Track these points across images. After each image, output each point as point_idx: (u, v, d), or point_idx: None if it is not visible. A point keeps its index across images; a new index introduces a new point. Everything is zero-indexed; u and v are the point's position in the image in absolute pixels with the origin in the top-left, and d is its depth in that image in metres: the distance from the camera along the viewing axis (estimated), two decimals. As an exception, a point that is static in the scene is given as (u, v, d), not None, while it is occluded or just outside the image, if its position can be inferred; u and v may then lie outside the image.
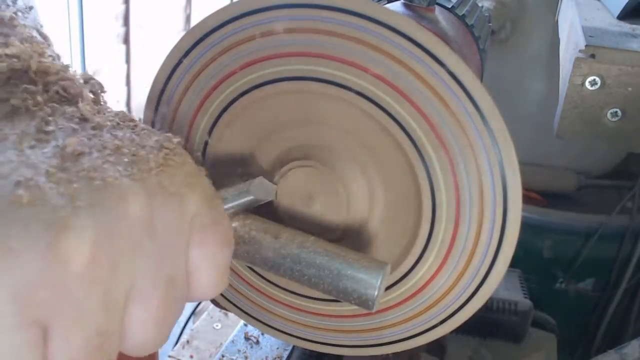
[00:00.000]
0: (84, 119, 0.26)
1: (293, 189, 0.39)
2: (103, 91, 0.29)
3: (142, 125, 0.28)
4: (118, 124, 0.27)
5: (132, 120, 0.28)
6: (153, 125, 0.42)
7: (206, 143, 0.40)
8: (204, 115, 0.40)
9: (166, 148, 0.26)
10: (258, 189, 0.35)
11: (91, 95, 0.28)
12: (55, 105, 0.25)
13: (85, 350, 0.21)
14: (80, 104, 0.26)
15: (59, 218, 0.20)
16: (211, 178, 0.31)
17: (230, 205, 0.34)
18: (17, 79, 0.25)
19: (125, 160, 0.24)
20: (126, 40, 3.38)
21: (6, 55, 0.26)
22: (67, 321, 0.21)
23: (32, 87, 0.25)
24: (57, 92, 0.26)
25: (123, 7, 3.31)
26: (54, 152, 0.23)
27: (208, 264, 0.27)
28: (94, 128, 0.25)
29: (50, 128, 0.24)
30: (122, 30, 3.34)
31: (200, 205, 0.27)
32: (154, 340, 0.25)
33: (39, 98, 0.25)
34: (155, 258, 0.24)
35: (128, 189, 0.23)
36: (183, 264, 0.26)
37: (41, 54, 0.27)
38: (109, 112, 0.28)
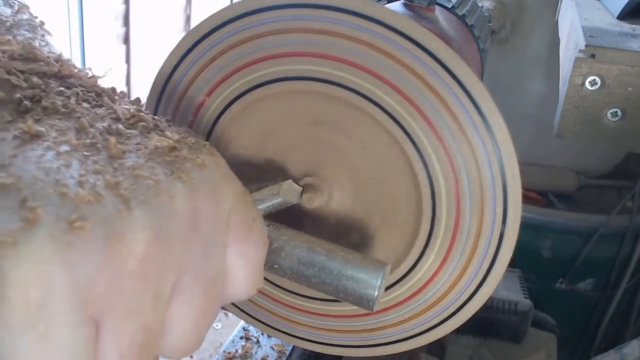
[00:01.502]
0: (117, 119, 0.26)
1: (300, 185, 0.40)
2: (116, 93, 0.29)
3: (175, 127, 0.28)
4: (149, 125, 0.27)
5: (168, 120, 0.28)
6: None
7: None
8: (205, 115, 0.40)
9: (201, 148, 0.27)
10: (287, 192, 0.36)
11: (116, 97, 0.28)
12: (86, 105, 0.26)
13: (132, 345, 0.21)
14: (114, 104, 0.26)
15: (115, 216, 0.21)
16: None
17: (259, 207, 0.35)
18: (46, 82, 0.26)
19: (167, 159, 0.24)
20: (126, 40, 3.39)
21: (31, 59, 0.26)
22: (118, 317, 0.21)
23: (66, 90, 0.26)
24: (81, 94, 0.26)
25: (123, 7, 3.31)
26: (99, 152, 0.23)
27: (244, 263, 0.28)
28: (128, 128, 0.25)
29: (90, 130, 0.24)
30: (122, 30, 3.35)
31: (236, 204, 0.27)
32: (190, 342, 0.25)
33: (72, 100, 0.25)
34: (199, 256, 0.24)
35: (174, 187, 0.23)
36: (223, 263, 0.27)
37: (60, 55, 0.28)
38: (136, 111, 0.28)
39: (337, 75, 0.35)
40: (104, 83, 0.29)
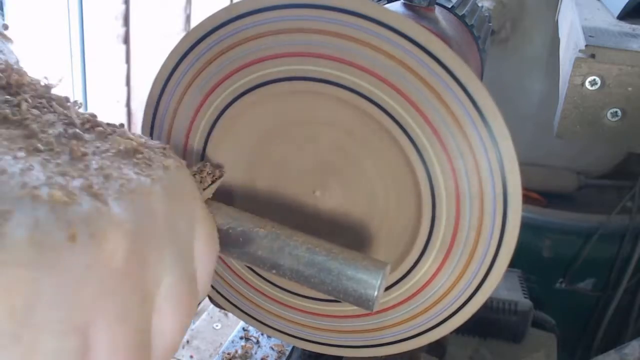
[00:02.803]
0: (71, 124, 0.25)
1: (296, 186, 0.39)
2: (68, 100, 0.29)
3: (128, 133, 0.28)
4: (107, 130, 0.27)
5: (122, 125, 0.28)
6: (152, 127, 0.42)
7: (206, 143, 0.40)
8: (205, 115, 0.40)
9: (163, 152, 0.27)
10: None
11: (68, 104, 0.28)
12: (36, 112, 0.25)
13: (129, 348, 0.21)
14: (65, 110, 0.26)
15: (95, 214, 0.20)
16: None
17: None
18: None
19: (134, 160, 0.24)
20: (126, 40, 3.38)
21: None
22: (110, 321, 0.20)
23: (12, 99, 0.25)
24: (30, 101, 0.26)
25: (123, 7, 3.31)
26: (59, 155, 0.22)
27: (204, 266, 0.28)
28: (84, 132, 0.25)
29: (42, 135, 0.23)
30: (122, 30, 3.34)
31: (202, 211, 0.28)
32: (177, 342, 0.25)
33: (24, 107, 0.25)
34: (179, 254, 0.24)
35: (148, 185, 0.23)
36: (194, 263, 0.27)
37: (9, 65, 0.27)
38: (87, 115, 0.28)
39: (337, 75, 0.35)
40: (103, 83, 0.29)
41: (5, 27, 0.34)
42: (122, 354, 0.20)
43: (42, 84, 0.28)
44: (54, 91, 0.28)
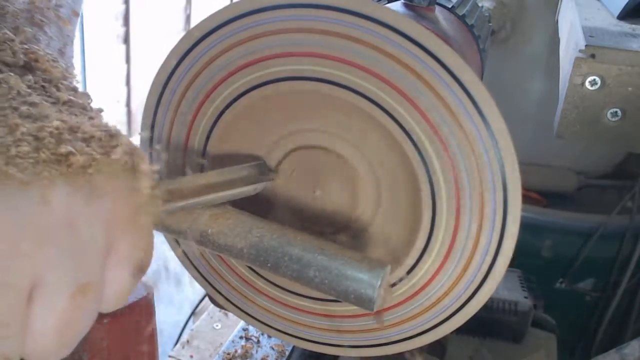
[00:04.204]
0: (53, 103, 0.26)
1: (298, 185, 0.39)
2: (75, 90, 0.28)
3: (100, 122, 0.27)
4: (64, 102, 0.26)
5: (101, 110, 0.27)
6: (153, 127, 0.42)
7: (206, 143, 0.40)
8: (204, 116, 0.40)
9: (109, 144, 0.25)
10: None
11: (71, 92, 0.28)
12: (30, 91, 0.25)
13: None
14: (60, 93, 0.26)
15: None
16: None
17: (224, 193, 0.35)
18: None
19: (47, 143, 0.23)
20: (126, 40, 3.38)
21: None
22: None
23: (12, 76, 0.26)
24: (32, 82, 0.26)
25: (123, 7, 3.31)
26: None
27: (118, 283, 0.26)
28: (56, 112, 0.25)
29: (5, 108, 0.24)
30: (122, 30, 3.34)
31: (131, 220, 0.26)
32: (52, 348, 0.23)
33: (22, 85, 0.25)
34: (69, 255, 0.23)
35: (52, 172, 0.22)
36: (98, 272, 0.25)
37: (35, 51, 0.28)
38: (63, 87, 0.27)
39: (337, 75, 0.35)
40: (103, 83, 0.29)
41: (76, 14, 0.35)
42: None
43: (60, 71, 0.28)
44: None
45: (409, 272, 0.38)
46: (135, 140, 0.33)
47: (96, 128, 0.25)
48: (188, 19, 3.80)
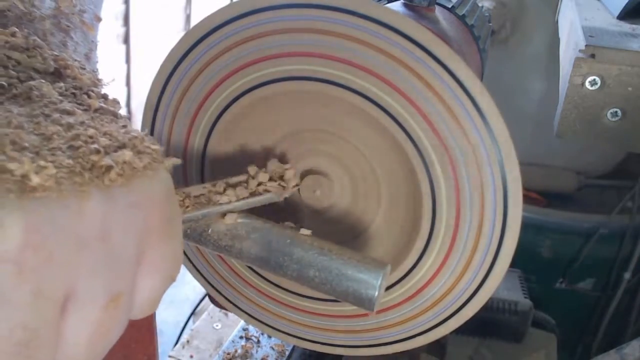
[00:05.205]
0: (86, 110, 0.25)
1: (300, 185, 0.39)
2: (105, 98, 0.28)
3: (131, 128, 0.27)
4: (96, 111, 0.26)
5: (115, 114, 0.27)
6: (152, 127, 0.42)
7: (206, 143, 0.40)
8: (205, 115, 0.40)
9: (139, 151, 0.25)
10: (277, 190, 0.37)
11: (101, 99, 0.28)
12: (62, 99, 0.25)
13: (8, 342, 0.20)
14: (91, 100, 0.26)
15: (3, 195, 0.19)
16: (210, 178, 0.31)
17: (244, 201, 0.35)
18: (29, 75, 0.26)
19: (83, 152, 0.23)
20: (126, 40, 3.39)
21: None
22: None
23: (45, 84, 0.26)
24: (64, 90, 0.26)
25: (123, 7, 3.31)
26: (30, 134, 0.22)
27: (148, 292, 0.26)
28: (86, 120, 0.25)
29: (40, 116, 0.23)
30: (122, 30, 3.35)
31: (162, 228, 0.25)
32: (83, 358, 0.23)
33: (54, 93, 0.25)
34: (102, 265, 0.23)
35: (89, 188, 0.22)
36: (130, 282, 0.25)
37: (63, 57, 0.28)
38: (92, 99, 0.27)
39: (337, 75, 0.35)
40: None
41: (98, 19, 0.35)
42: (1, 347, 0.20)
43: (89, 78, 0.28)
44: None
45: (408, 272, 0.38)
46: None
47: (129, 136, 0.25)
48: (188, 19, 3.80)
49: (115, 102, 0.28)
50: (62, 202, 0.21)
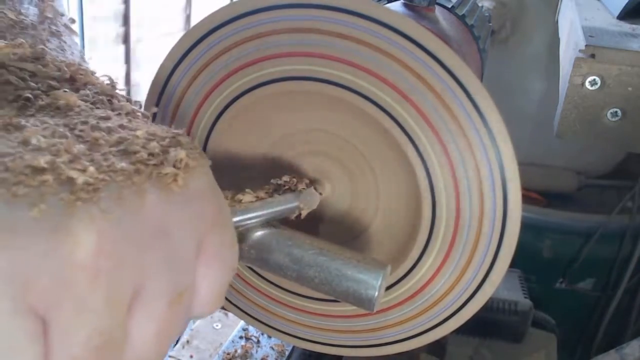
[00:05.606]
0: (117, 116, 0.25)
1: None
2: (130, 100, 0.28)
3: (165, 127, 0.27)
4: (122, 114, 0.26)
5: (144, 114, 0.27)
6: (153, 126, 0.42)
7: (206, 143, 0.40)
8: (204, 115, 0.40)
9: (185, 148, 0.25)
10: (306, 200, 0.37)
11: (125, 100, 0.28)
12: (90, 106, 0.25)
13: (86, 348, 0.20)
14: (121, 102, 0.26)
15: (67, 203, 0.20)
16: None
17: (271, 210, 0.34)
18: (48, 85, 0.26)
19: (141, 155, 0.23)
20: (126, 40, 3.39)
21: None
22: (67, 314, 0.20)
23: (72, 92, 0.25)
24: (91, 96, 0.26)
25: (123, 7, 3.31)
26: (78, 143, 0.22)
27: (209, 284, 0.26)
28: (80, 116, 0.25)
29: (78, 125, 0.23)
30: (122, 30, 3.35)
31: (215, 223, 0.26)
32: (151, 356, 0.23)
33: (79, 102, 0.25)
34: (165, 262, 0.23)
35: (147, 186, 0.22)
36: (192, 276, 0.25)
37: (74, 62, 0.28)
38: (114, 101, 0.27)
39: (337, 75, 0.35)
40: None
41: (72, 21, 0.35)
42: (78, 352, 0.20)
43: (106, 82, 0.28)
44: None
45: (408, 272, 0.38)
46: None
47: (171, 134, 0.26)
48: (188, 19, 3.80)
49: (139, 103, 0.28)
50: (123, 204, 0.21)
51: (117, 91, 0.28)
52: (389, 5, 0.46)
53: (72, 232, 0.20)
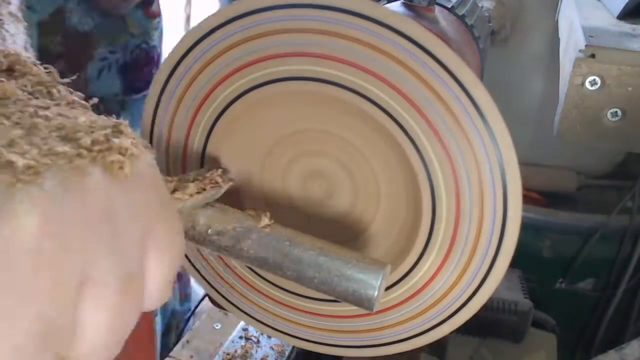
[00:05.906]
0: (56, 105, 0.25)
1: (297, 185, 0.39)
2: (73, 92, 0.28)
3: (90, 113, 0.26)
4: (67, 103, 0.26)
5: (84, 105, 0.27)
6: (152, 127, 0.42)
7: (206, 144, 0.40)
8: (204, 116, 0.40)
9: (129, 137, 0.25)
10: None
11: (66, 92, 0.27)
12: (28, 96, 0.25)
13: (27, 336, 0.19)
14: (61, 94, 0.26)
15: (8, 186, 0.19)
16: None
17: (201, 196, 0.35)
18: None
19: (84, 141, 0.23)
20: (126, 40, 3.38)
21: None
22: (9, 300, 0.19)
23: (7, 82, 0.25)
24: (29, 86, 0.26)
25: (123, 7, 3.31)
26: (16, 129, 0.21)
27: (159, 272, 0.26)
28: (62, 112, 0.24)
29: (14, 113, 0.23)
30: (122, 30, 3.34)
31: (161, 211, 0.25)
32: (105, 344, 0.23)
33: (18, 91, 0.25)
34: (111, 245, 0.22)
35: (90, 169, 0.22)
36: (139, 263, 0.24)
37: (13, 51, 0.27)
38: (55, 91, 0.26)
39: (337, 75, 0.35)
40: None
41: (22, 10, 0.34)
42: (21, 339, 0.19)
43: (47, 71, 0.27)
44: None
45: (409, 272, 0.38)
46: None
47: (113, 123, 0.25)
48: (188, 18, 3.80)
49: (80, 95, 0.28)
50: (67, 186, 0.21)
51: (57, 82, 0.27)
52: (388, 5, 0.46)
53: (13, 213, 0.19)
